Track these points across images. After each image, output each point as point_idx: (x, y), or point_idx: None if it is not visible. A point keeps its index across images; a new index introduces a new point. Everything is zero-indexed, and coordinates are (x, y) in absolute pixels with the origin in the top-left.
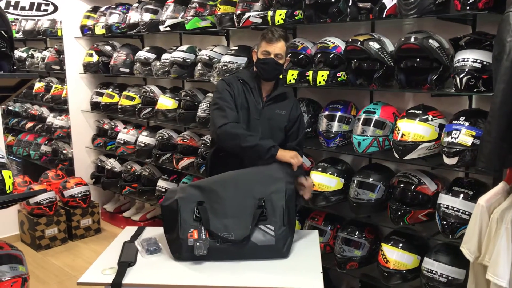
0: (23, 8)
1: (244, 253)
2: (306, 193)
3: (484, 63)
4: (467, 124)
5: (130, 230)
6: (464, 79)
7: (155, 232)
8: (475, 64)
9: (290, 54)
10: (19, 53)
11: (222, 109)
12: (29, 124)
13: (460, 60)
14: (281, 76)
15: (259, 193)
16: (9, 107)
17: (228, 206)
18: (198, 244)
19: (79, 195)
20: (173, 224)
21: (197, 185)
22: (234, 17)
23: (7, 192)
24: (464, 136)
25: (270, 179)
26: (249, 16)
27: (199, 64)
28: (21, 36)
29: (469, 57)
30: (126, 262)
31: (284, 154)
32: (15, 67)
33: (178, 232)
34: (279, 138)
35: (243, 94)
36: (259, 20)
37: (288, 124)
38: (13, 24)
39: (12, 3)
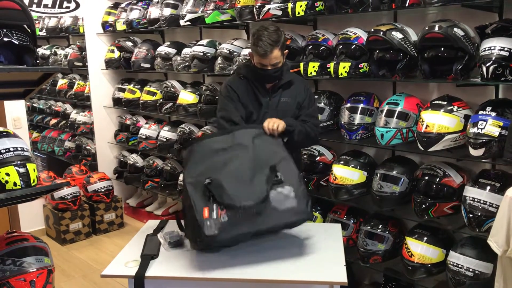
0: (46, 6)
1: (268, 221)
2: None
3: None
4: (493, 114)
5: (153, 223)
6: (491, 68)
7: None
8: (502, 52)
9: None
10: (42, 50)
11: (224, 119)
12: (53, 121)
13: (487, 49)
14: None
15: (268, 161)
16: (34, 104)
17: (239, 176)
18: (208, 223)
19: (103, 190)
20: (191, 212)
21: (200, 168)
22: (254, 10)
23: (32, 185)
24: (490, 126)
25: (273, 152)
26: (269, 9)
27: (219, 58)
28: (44, 33)
29: (496, 45)
30: (149, 255)
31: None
32: (38, 61)
33: (195, 215)
34: None
35: (248, 90)
36: (279, 12)
37: (296, 110)
38: (37, 22)
39: (35, 0)
